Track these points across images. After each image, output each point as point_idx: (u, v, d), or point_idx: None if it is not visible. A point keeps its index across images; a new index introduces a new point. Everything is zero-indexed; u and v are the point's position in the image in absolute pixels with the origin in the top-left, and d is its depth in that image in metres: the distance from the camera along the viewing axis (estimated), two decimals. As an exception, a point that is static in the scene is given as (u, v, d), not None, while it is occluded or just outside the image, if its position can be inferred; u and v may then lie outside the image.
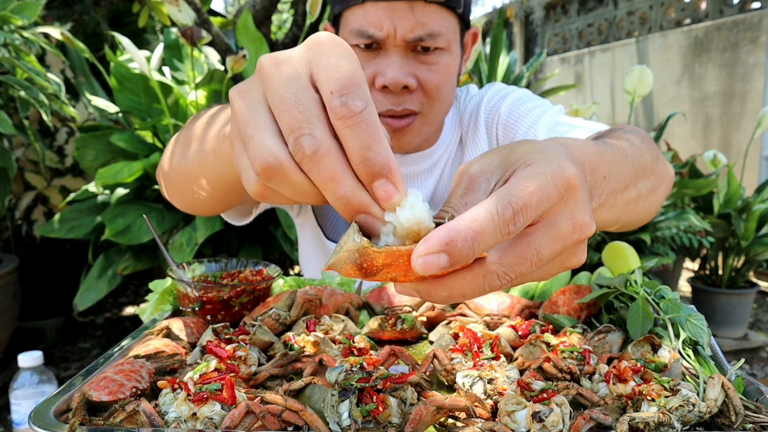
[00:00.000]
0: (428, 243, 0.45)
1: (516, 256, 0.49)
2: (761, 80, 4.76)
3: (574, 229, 0.50)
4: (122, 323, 3.90)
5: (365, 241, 0.47)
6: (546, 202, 0.48)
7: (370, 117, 0.49)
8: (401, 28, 1.10)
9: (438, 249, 0.44)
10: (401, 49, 1.12)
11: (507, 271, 0.49)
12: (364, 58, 1.15)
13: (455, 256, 0.44)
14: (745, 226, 3.41)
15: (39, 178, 3.17)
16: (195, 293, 1.00)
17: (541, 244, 0.49)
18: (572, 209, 0.50)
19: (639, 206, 0.82)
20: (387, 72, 1.12)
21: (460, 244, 0.44)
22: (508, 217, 0.46)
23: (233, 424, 0.64)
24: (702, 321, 0.85)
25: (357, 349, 0.86)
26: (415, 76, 1.14)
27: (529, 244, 0.49)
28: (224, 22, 3.85)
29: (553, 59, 7.52)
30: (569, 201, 0.50)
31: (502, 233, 0.46)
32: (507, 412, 0.66)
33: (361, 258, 0.48)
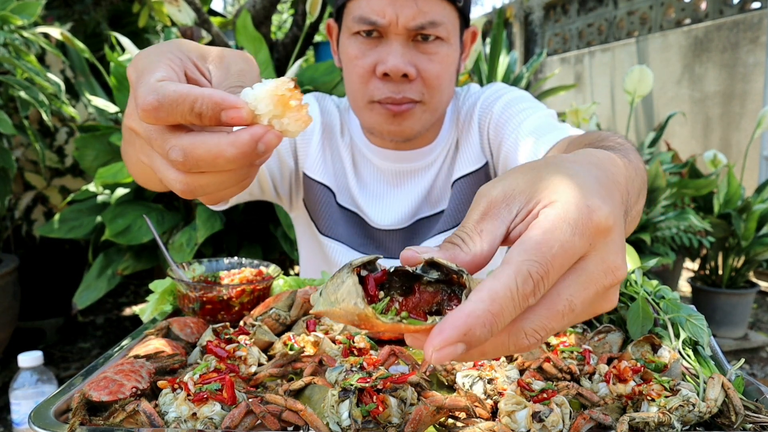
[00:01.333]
0: (443, 334, 0.39)
1: (547, 311, 0.43)
2: (761, 80, 4.76)
3: (605, 273, 0.45)
4: (122, 323, 3.90)
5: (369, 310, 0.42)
6: (571, 258, 0.44)
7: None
8: (403, 15, 1.12)
9: (456, 340, 0.39)
10: (402, 38, 1.15)
11: (537, 329, 0.43)
12: (366, 46, 1.17)
13: (473, 342, 0.40)
14: (745, 226, 3.41)
15: (39, 178, 3.17)
16: (195, 293, 1.00)
17: (572, 293, 0.44)
18: (603, 253, 0.45)
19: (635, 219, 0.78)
20: (388, 60, 1.14)
21: (479, 332, 0.40)
22: (528, 292, 0.41)
23: (233, 424, 0.64)
24: (702, 321, 0.85)
25: (357, 349, 0.86)
26: (415, 66, 1.16)
27: (559, 295, 0.44)
28: (224, 22, 3.85)
29: (553, 59, 7.52)
30: (599, 245, 0.45)
31: (521, 307, 0.42)
32: (507, 412, 0.66)
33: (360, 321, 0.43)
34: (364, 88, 1.20)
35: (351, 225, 1.36)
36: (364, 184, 1.36)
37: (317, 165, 1.35)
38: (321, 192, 1.36)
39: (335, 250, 1.37)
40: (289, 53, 3.20)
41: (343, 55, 1.23)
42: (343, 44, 1.23)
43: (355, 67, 1.19)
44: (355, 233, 1.36)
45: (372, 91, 1.19)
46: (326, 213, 1.37)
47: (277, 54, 3.21)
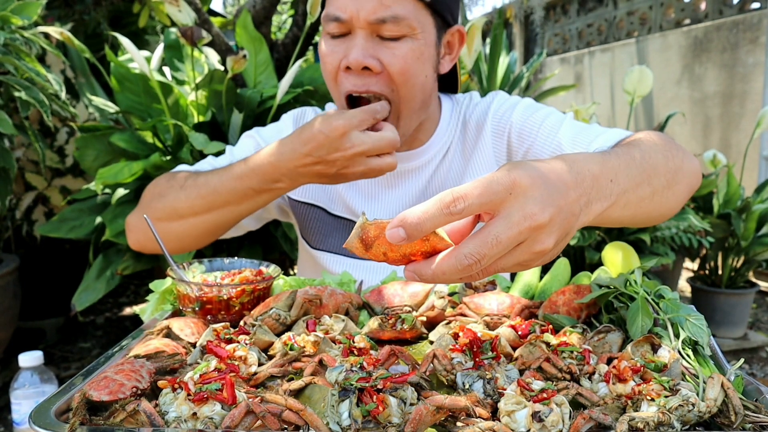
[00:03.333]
0: (392, 221, 0.63)
1: (479, 240, 0.62)
2: (761, 80, 4.76)
3: (524, 218, 0.62)
4: (122, 323, 3.90)
5: (363, 217, 0.65)
6: (490, 195, 0.62)
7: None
8: (364, 10, 1.13)
9: (397, 225, 0.62)
10: (365, 32, 1.16)
11: (473, 252, 0.62)
12: (334, 44, 1.20)
13: (408, 228, 0.61)
14: (745, 226, 3.41)
15: (39, 178, 3.17)
16: (195, 293, 1.00)
17: (498, 231, 0.62)
18: (522, 203, 0.63)
19: (655, 201, 0.90)
20: (350, 53, 1.16)
21: (410, 220, 0.61)
22: (447, 201, 0.61)
23: (233, 423, 0.64)
24: (702, 321, 0.86)
25: (357, 349, 0.86)
26: (379, 59, 1.16)
27: (488, 231, 0.62)
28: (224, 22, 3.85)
29: (553, 59, 7.52)
30: (519, 196, 0.63)
31: (444, 213, 0.62)
32: (507, 412, 0.66)
33: (362, 232, 0.65)
34: (336, 85, 1.22)
35: (346, 233, 1.38)
36: (356, 187, 1.38)
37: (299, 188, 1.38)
38: (308, 211, 1.40)
39: (328, 260, 1.40)
40: (289, 53, 3.21)
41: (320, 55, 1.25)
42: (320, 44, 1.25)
43: (325, 65, 1.22)
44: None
45: (341, 85, 1.20)
46: (316, 228, 1.41)
47: (277, 54, 3.22)
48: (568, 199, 0.67)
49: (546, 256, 0.67)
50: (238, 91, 2.61)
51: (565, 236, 0.68)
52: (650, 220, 1.01)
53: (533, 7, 7.45)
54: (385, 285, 1.10)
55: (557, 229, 0.66)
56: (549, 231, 0.64)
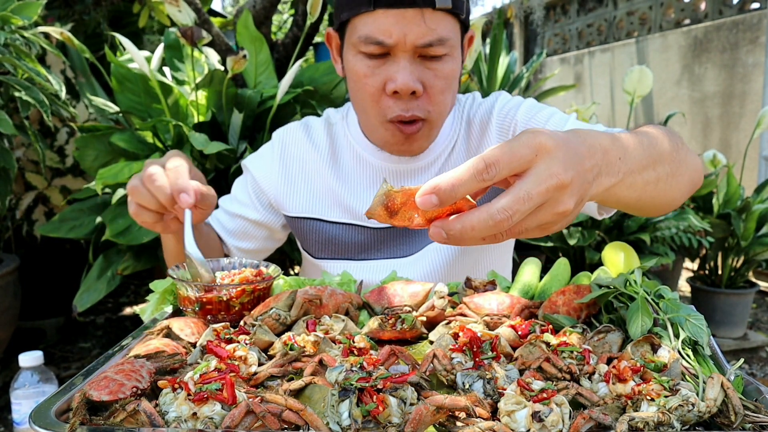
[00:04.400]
0: (423, 187, 0.63)
1: (511, 196, 0.64)
2: (761, 80, 4.76)
3: (551, 176, 0.65)
4: (122, 323, 3.90)
5: (389, 185, 0.65)
6: (518, 158, 0.64)
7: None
8: (411, 34, 1.12)
9: (430, 192, 0.63)
10: (409, 55, 1.15)
11: (505, 207, 0.63)
12: (374, 65, 1.17)
13: (441, 195, 0.62)
14: (745, 226, 3.41)
15: (40, 178, 3.17)
16: (195, 293, 1.00)
17: (529, 187, 0.64)
18: (548, 162, 0.65)
19: (659, 188, 0.92)
20: (398, 77, 1.14)
21: (443, 187, 0.62)
22: (480, 168, 0.63)
23: (233, 423, 0.64)
24: (701, 321, 0.86)
25: (357, 349, 0.86)
26: (422, 82, 1.17)
27: (519, 188, 0.64)
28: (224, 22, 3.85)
29: (552, 59, 7.52)
30: (545, 157, 0.65)
31: (478, 180, 0.63)
32: (507, 412, 0.66)
33: (387, 199, 0.65)
34: (377, 107, 1.21)
35: (346, 238, 1.39)
36: (355, 184, 1.38)
37: (292, 202, 1.41)
38: (304, 224, 1.41)
39: (332, 266, 1.41)
40: (289, 53, 3.21)
41: (350, 72, 1.24)
42: (349, 60, 1.23)
43: (364, 86, 1.20)
44: (351, 244, 1.39)
45: (384, 110, 1.20)
46: (315, 239, 1.41)
47: (277, 54, 3.22)
48: (584, 167, 0.69)
49: (566, 219, 0.69)
50: (238, 91, 2.61)
51: (581, 201, 0.70)
52: (653, 208, 1.01)
53: (533, 7, 7.44)
54: (385, 285, 1.11)
55: (576, 192, 0.68)
56: (570, 192, 0.67)
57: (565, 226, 0.72)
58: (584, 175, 0.69)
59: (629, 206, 0.95)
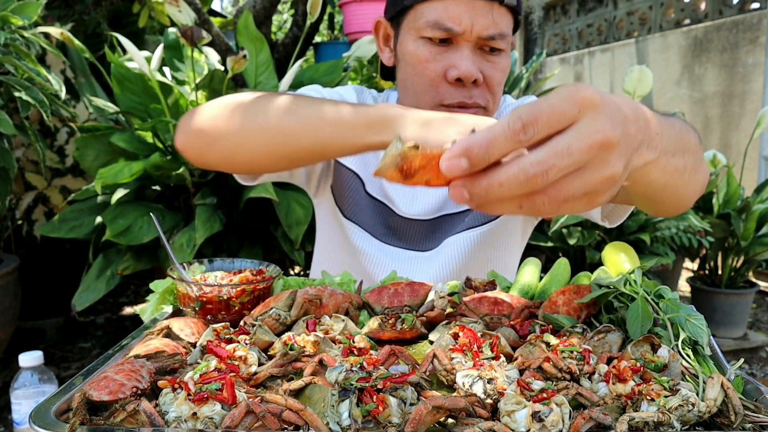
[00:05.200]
0: (452, 150, 0.55)
1: (547, 148, 0.55)
2: (761, 80, 4.76)
3: (596, 132, 0.56)
4: (122, 323, 3.90)
5: (406, 146, 0.56)
6: (559, 115, 0.56)
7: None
8: (478, 25, 1.16)
9: (459, 154, 0.54)
10: (471, 45, 1.19)
11: (540, 159, 0.55)
12: (436, 51, 1.21)
13: (473, 158, 0.54)
14: (745, 226, 3.41)
15: (39, 178, 3.17)
16: (195, 293, 1.00)
17: (569, 141, 0.55)
18: (593, 119, 0.57)
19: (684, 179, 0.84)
20: (461, 65, 1.18)
21: (476, 150, 0.54)
22: (518, 128, 0.54)
23: (233, 423, 0.64)
24: (701, 321, 0.86)
25: (357, 349, 0.86)
26: (482, 72, 1.21)
27: (558, 141, 0.56)
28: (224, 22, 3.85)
29: (552, 59, 7.52)
30: (589, 113, 0.57)
31: (514, 141, 0.55)
32: (507, 412, 0.66)
33: (402, 161, 0.57)
34: (434, 91, 1.23)
35: (376, 214, 1.39)
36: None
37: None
38: (349, 178, 1.40)
39: (357, 235, 1.39)
40: (289, 53, 3.21)
41: (409, 57, 1.25)
42: (407, 45, 1.25)
43: (425, 70, 1.22)
44: (379, 223, 1.39)
45: (443, 95, 1.22)
46: (352, 199, 1.40)
47: (277, 54, 3.22)
48: (629, 131, 0.62)
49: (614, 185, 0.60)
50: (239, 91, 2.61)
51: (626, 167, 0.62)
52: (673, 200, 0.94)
53: (533, 7, 7.44)
54: (385, 285, 1.10)
55: (624, 154, 0.60)
56: (618, 153, 0.58)
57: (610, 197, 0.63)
58: (630, 139, 0.61)
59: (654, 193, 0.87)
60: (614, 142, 0.57)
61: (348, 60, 2.89)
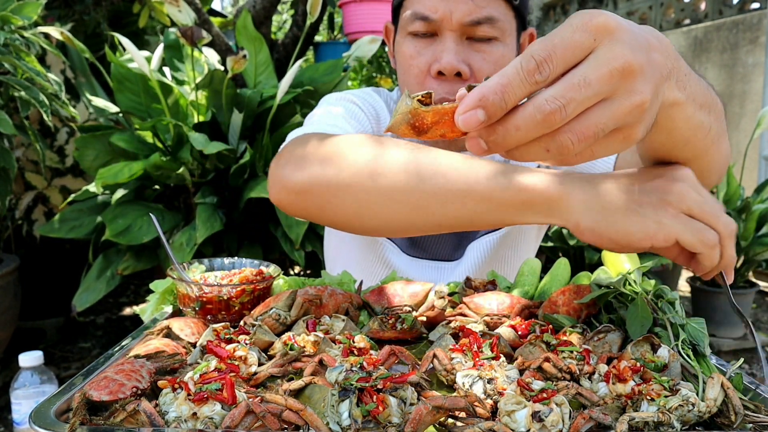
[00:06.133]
0: (465, 102, 0.52)
1: (563, 82, 0.52)
2: (761, 80, 4.76)
3: (615, 58, 0.52)
4: (122, 323, 3.90)
5: (416, 103, 0.54)
6: (574, 48, 0.52)
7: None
8: (458, 11, 1.11)
9: (474, 105, 0.51)
10: (456, 35, 1.13)
11: (556, 95, 0.51)
12: (421, 46, 1.16)
13: (489, 108, 0.51)
14: (745, 226, 3.41)
15: (39, 178, 3.17)
16: (195, 293, 1.00)
17: (585, 70, 0.52)
18: (610, 44, 0.52)
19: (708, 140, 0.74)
20: (442, 57, 1.13)
21: (491, 98, 0.51)
22: (532, 68, 0.51)
23: (233, 423, 0.64)
24: (702, 324, 0.86)
25: (357, 349, 0.86)
26: (469, 64, 1.14)
27: (574, 73, 0.52)
28: (224, 22, 3.85)
29: (553, 59, 7.52)
30: (606, 40, 0.52)
31: (530, 83, 0.51)
32: (507, 412, 0.66)
33: (413, 118, 0.55)
34: (420, 88, 1.19)
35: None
36: None
37: None
38: None
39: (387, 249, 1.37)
40: (289, 53, 3.21)
41: (399, 55, 1.22)
42: (399, 44, 1.22)
43: (410, 67, 1.18)
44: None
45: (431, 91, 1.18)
46: None
47: (277, 54, 3.22)
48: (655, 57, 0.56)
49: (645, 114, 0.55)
50: (238, 91, 2.61)
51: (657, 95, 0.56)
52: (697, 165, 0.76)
53: (532, 7, 7.44)
54: (385, 285, 1.10)
55: (651, 80, 0.54)
56: (643, 78, 0.53)
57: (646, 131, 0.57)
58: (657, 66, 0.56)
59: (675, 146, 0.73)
60: (636, 68, 0.53)
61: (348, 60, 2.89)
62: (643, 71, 0.53)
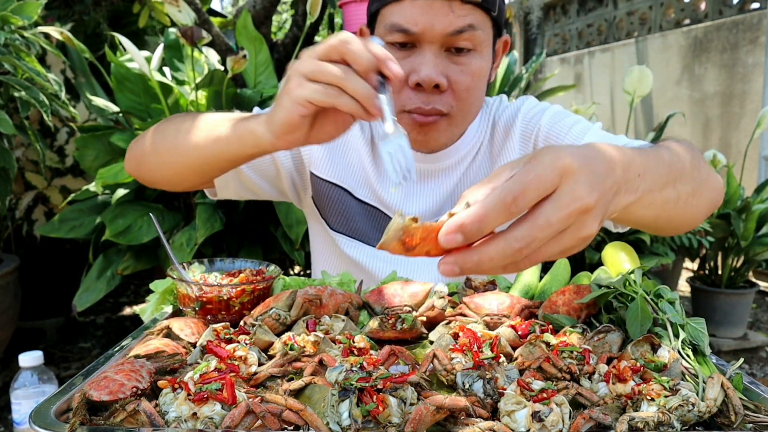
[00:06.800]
0: (448, 226, 0.60)
1: (529, 223, 0.61)
2: (761, 80, 4.76)
3: (573, 200, 0.61)
4: (122, 323, 3.90)
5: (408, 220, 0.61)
6: (545, 184, 0.61)
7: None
8: (438, 24, 1.11)
9: (455, 231, 0.59)
10: (436, 47, 1.14)
11: (524, 234, 0.60)
12: (400, 56, 1.16)
13: (468, 234, 0.59)
14: (745, 226, 3.41)
15: (39, 177, 3.17)
16: (195, 293, 1.00)
17: (548, 213, 0.61)
18: (572, 185, 0.62)
19: (679, 208, 0.87)
20: (421, 69, 1.13)
21: (470, 226, 0.58)
22: (509, 201, 0.59)
23: (233, 423, 0.64)
24: (702, 324, 0.86)
25: (357, 349, 0.86)
26: (447, 76, 1.15)
27: (539, 214, 0.61)
28: (224, 22, 3.85)
29: (552, 59, 7.52)
30: (569, 180, 0.62)
31: (506, 214, 0.59)
32: (507, 412, 0.66)
33: (404, 234, 0.61)
34: (397, 98, 1.19)
35: (371, 219, 1.36)
36: (387, 177, 1.35)
37: (324, 165, 1.35)
38: (331, 191, 1.36)
39: (349, 246, 1.37)
40: (289, 53, 3.20)
41: None
42: None
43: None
44: (374, 228, 1.37)
45: (404, 100, 1.18)
46: (338, 210, 1.37)
47: (277, 54, 3.21)
48: (606, 186, 0.66)
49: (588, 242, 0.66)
50: (238, 91, 2.61)
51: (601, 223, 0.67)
52: (670, 227, 0.99)
53: (532, 7, 7.45)
54: (385, 285, 1.11)
55: (600, 214, 0.64)
56: (594, 215, 0.64)
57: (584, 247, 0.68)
58: (606, 194, 0.66)
59: (646, 225, 0.92)
60: (591, 207, 0.63)
61: (348, 60, 2.88)
62: (596, 208, 0.63)
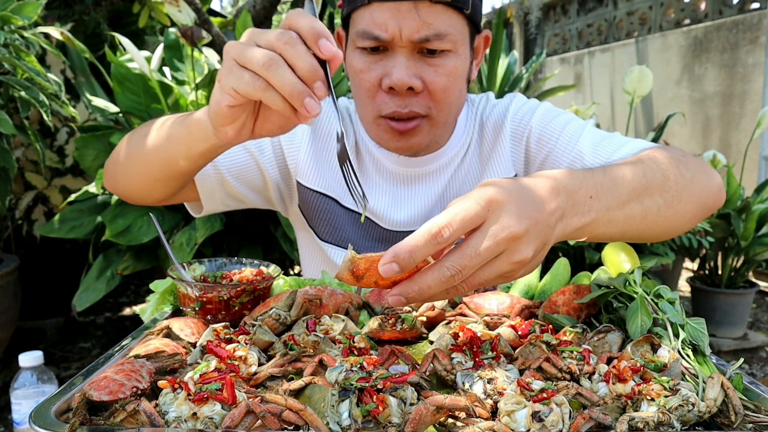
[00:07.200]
0: (384, 256, 0.66)
1: (459, 252, 0.67)
2: (761, 80, 4.76)
3: (501, 229, 0.67)
4: (122, 323, 3.90)
5: (352, 252, 0.69)
6: (472, 217, 0.67)
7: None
8: (406, 28, 1.09)
9: (390, 261, 0.66)
10: (407, 50, 1.12)
11: (454, 264, 0.67)
12: (371, 60, 1.15)
13: (401, 263, 0.66)
14: (745, 226, 3.41)
15: (39, 177, 3.17)
16: (195, 293, 1.00)
17: (476, 242, 0.67)
18: (499, 216, 0.68)
19: (648, 221, 0.91)
20: (393, 73, 1.12)
21: (402, 256, 0.66)
22: (435, 232, 0.66)
23: (233, 423, 0.64)
24: (702, 324, 0.86)
25: (357, 349, 0.86)
26: (421, 78, 1.13)
27: (468, 244, 0.67)
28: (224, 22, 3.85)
29: (552, 59, 7.52)
30: (496, 211, 0.68)
31: (434, 244, 0.66)
32: (507, 412, 0.66)
33: (351, 265, 0.69)
34: (372, 102, 1.18)
35: (358, 228, 1.35)
36: (373, 184, 1.34)
37: (311, 174, 1.34)
38: (319, 200, 1.35)
39: (339, 256, 1.35)
40: (289, 53, 3.19)
41: (349, 68, 1.21)
42: (349, 56, 1.20)
43: (361, 81, 1.17)
44: (363, 236, 1.35)
45: (379, 105, 1.17)
46: (326, 219, 1.36)
47: (277, 54, 3.21)
48: (544, 213, 0.71)
49: (527, 266, 0.71)
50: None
51: (543, 246, 0.72)
52: (647, 238, 1.00)
53: (532, 7, 7.45)
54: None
55: (534, 240, 0.69)
56: (527, 241, 0.69)
57: (531, 270, 0.74)
58: (545, 220, 0.71)
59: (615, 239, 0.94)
60: (520, 234, 0.68)
61: (348, 60, 2.88)
62: (528, 234, 0.68)
